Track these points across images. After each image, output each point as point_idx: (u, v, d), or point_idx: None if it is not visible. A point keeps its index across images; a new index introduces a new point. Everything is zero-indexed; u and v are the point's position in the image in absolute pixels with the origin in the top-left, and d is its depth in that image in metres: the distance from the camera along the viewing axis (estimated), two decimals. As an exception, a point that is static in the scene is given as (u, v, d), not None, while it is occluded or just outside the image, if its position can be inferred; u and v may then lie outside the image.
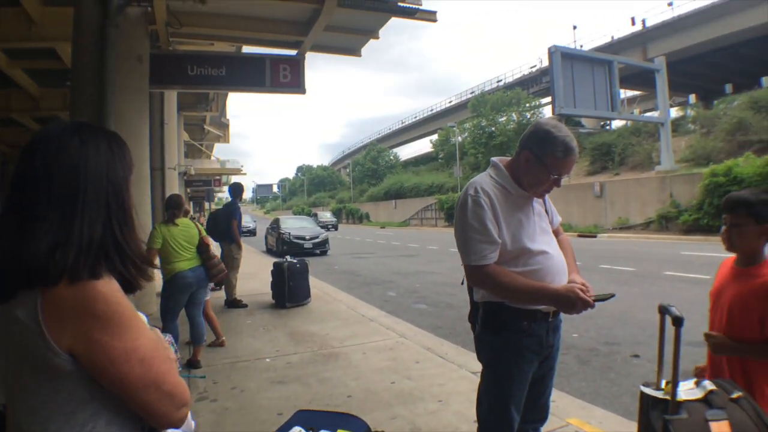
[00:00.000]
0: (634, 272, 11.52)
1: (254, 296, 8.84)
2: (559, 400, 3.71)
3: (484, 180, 2.15)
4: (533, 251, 2.08)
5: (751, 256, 2.04)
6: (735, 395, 1.74)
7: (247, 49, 10.90)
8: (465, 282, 2.24)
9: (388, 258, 17.75)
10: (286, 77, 8.97)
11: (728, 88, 34.31)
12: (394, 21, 8.46)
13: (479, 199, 2.05)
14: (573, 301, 1.99)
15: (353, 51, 9.80)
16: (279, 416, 3.62)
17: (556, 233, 2.32)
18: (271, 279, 8.37)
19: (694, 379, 1.88)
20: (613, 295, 2.11)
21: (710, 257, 13.30)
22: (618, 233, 24.17)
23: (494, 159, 2.26)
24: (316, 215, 45.76)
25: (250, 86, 9.10)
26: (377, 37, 9.10)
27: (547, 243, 2.16)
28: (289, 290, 8.03)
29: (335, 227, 42.67)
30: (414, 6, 7.82)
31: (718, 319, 2.10)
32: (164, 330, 2.05)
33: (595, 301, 2.00)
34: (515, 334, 2.11)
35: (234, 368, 5.02)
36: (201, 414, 3.81)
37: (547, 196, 2.29)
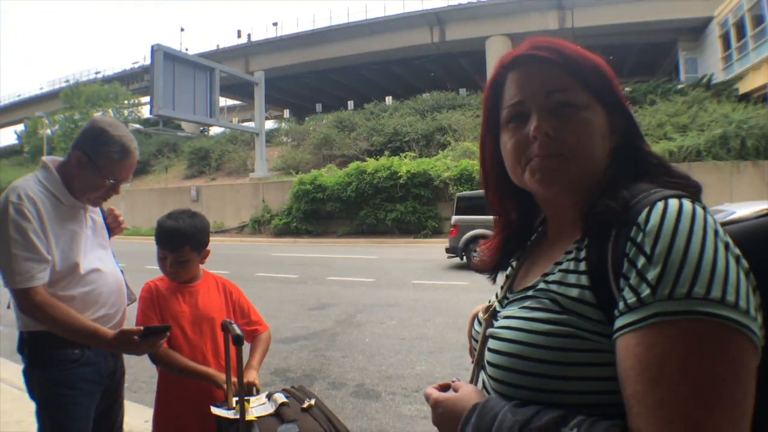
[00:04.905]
0: (228, 274, 10.75)
1: None
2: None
3: (29, 185, 1.75)
4: (85, 270, 1.80)
5: (194, 277, 2.11)
6: (306, 404, 1.69)
7: None
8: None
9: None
10: None
11: (319, 107, 38.70)
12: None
13: (23, 208, 1.67)
14: (128, 348, 1.75)
15: None
16: None
17: None
18: None
19: (267, 392, 1.80)
20: (169, 327, 1.81)
21: (298, 257, 14.40)
22: (214, 237, 23.62)
23: (46, 159, 1.86)
24: None
25: None
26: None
27: (101, 259, 1.90)
28: None
29: None
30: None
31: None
32: None
33: (146, 335, 1.71)
34: (67, 365, 1.78)
35: None
36: None
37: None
